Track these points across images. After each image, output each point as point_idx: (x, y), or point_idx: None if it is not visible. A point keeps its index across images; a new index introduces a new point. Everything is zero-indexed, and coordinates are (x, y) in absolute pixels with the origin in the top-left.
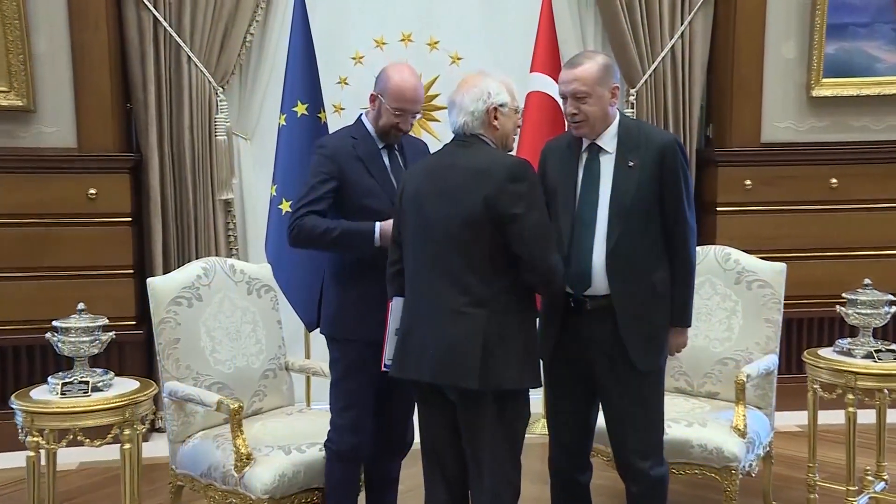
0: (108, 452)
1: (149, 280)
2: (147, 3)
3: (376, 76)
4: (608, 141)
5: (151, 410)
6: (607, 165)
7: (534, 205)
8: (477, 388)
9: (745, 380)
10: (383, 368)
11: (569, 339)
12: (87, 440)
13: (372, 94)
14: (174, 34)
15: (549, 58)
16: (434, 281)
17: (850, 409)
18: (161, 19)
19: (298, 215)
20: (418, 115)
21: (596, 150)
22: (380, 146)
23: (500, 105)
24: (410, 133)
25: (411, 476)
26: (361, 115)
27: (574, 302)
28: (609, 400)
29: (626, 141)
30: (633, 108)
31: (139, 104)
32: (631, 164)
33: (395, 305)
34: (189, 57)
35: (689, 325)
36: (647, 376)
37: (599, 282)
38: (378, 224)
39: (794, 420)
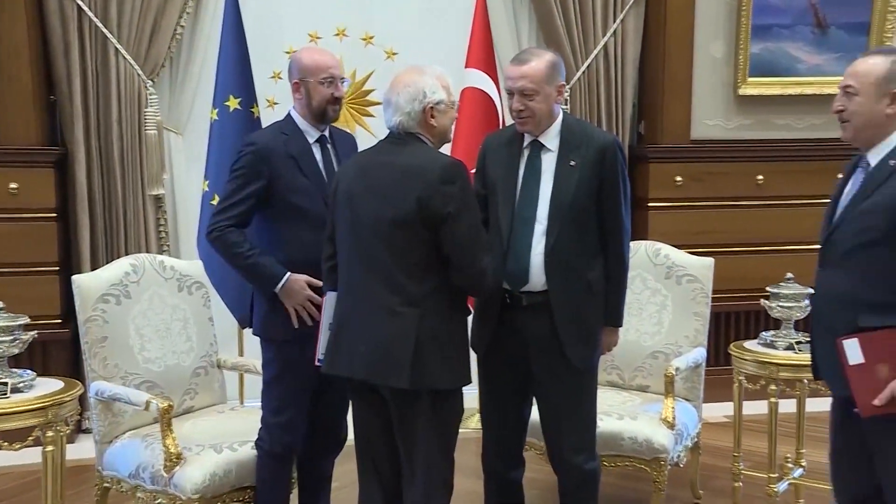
0: (28, 456)
1: (74, 277)
2: None
3: (288, 69)
4: (551, 139)
5: (77, 411)
6: (549, 163)
7: (465, 207)
8: (408, 388)
9: (674, 373)
10: (316, 363)
11: (505, 335)
12: (6, 444)
13: (294, 83)
14: (100, 24)
15: (483, 54)
16: (367, 279)
17: (773, 400)
18: (86, 9)
19: (223, 225)
20: (347, 81)
21: (538, 147)
22: (311, 141)
23: (437, 103)
24: (340, 127)
25: (345, 473)
26: (290, 110)
27: (510, 298)
28: (544, 396)
29: (568, 140)
30: (566, 104)
31: (64, 97)
32: (572, 163)
33: (329, 300)
34: (117, 49)
35: (621, 325)
36: (582, 373)
37: (537, 278)
38: (289, 275)
39: (721, 411)
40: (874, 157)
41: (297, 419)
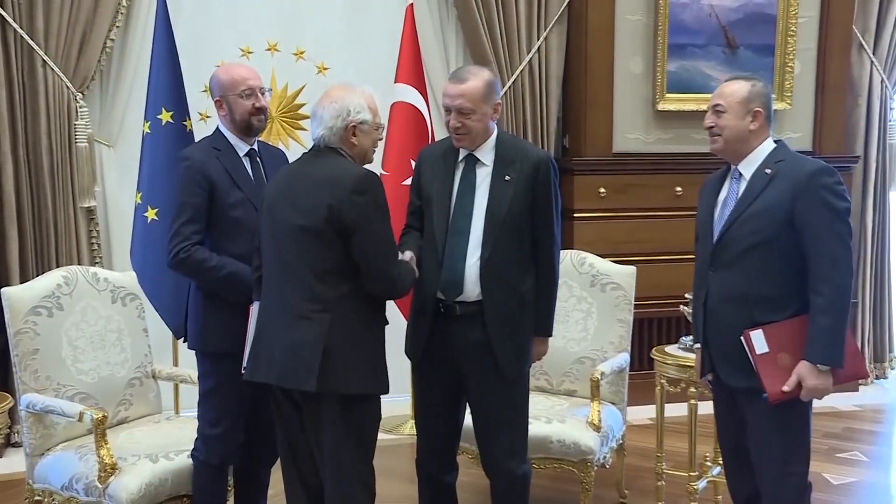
0: None
1: (3, 290)
2: None
3: (209, 88)
4: (486, 153)
5: (6, 424)
6: (483, 177)
7: (376, 217)
8: (315, 391)
9: (599, 377)
10: (242, 372)
11: (438, 343)
12: None
13: (216, 100)
14: (25, 36)
15: (412, 69)
16: (283, 286)
17: (692, 402)
18: (10, 20)
19: (186, 245)
20: (268, 92)
21: (473, 161)
22: (241, 154)
23: (360, 122)
24: (269, 142)
25: (280, 481)
26: (218, 126)
27: (444, 307)
28: (477, 403)
29: (502, 155)
30: None
31: None
32: (507, 178)
33: (255, 310)
34: (44, 61)
35: (551, 335)
36: (514, 381)
37: (471, 289)
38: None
39: (644, 413)
40: (747, 169)
41: (234, 430)
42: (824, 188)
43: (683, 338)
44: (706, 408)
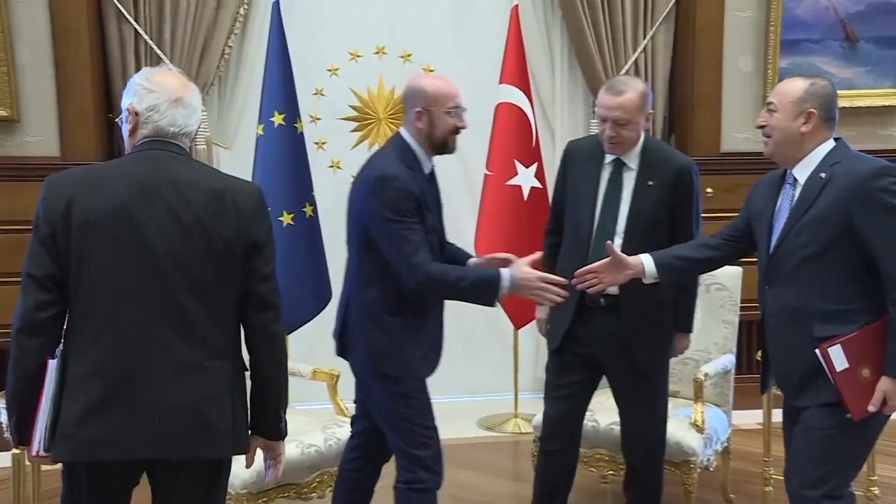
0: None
1: None
2: (129, 18)
3: (407, 97)
4: (632, 158)
5: None
6: (629, 181)
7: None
8: (229, 455)
9: (703, 378)
10: (35, 454)
11: (578, 333)
12: None
13: (417, 111)
14: (154, 47)
15: (517, 70)
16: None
17: None
18: (142, 33)
19: (419, 261)
20: (466, 110)
21: (620, 165)
22: (426, 172)
23: None
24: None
25: None
26: (404, 137)
27: (588, 299)
28: (616, 390)
29: (647, 160)
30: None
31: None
32: (650, 182)
33: (51, 370)
34: (170, 69)
35: (692, 331)
36: (651, 373)
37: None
38: (503, 270)
39: (753, 418)
40: (801, 173)
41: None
42: (883, 190)
43: None
44: None
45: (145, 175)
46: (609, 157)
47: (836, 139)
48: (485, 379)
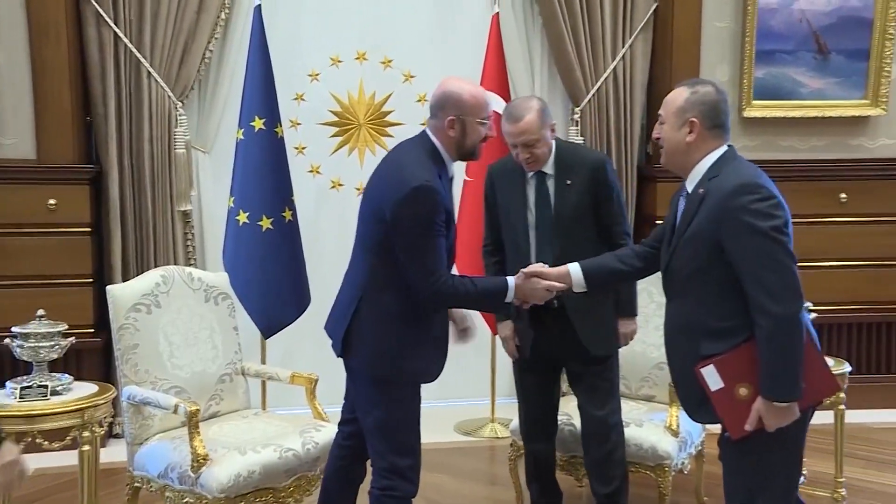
0: (62, 458)
1: (108, 287)
2: (108, 20)
3: (439, 102)
4: (549, 166)
5: (110, 414)
6: (550, 185)
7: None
8: None
9: None
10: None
11: (537, 331)
12: (46, 443)
13: (450, 119)
14: (134, 50)
15: (497, 76)
16: None
17: None
18: (122, 35)
19: (439, 273)
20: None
21: (542, 175)
22: (450, 177)
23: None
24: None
25: None
26: (434, 142)
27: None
28: (574, 380)
29: (561, 163)
30: (577, 125)
31: (99, 118)
32: (568, 182)
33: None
34: (149, 72)
35: (636, 314)
36: (605, 360)
37: None
38: (511, 279)
39: None
40: (690, 185)
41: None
42: (741, 209)
43: None
44: None
45: None
46: (531, 172)
47: (729, 145)
48: (462, 384)
